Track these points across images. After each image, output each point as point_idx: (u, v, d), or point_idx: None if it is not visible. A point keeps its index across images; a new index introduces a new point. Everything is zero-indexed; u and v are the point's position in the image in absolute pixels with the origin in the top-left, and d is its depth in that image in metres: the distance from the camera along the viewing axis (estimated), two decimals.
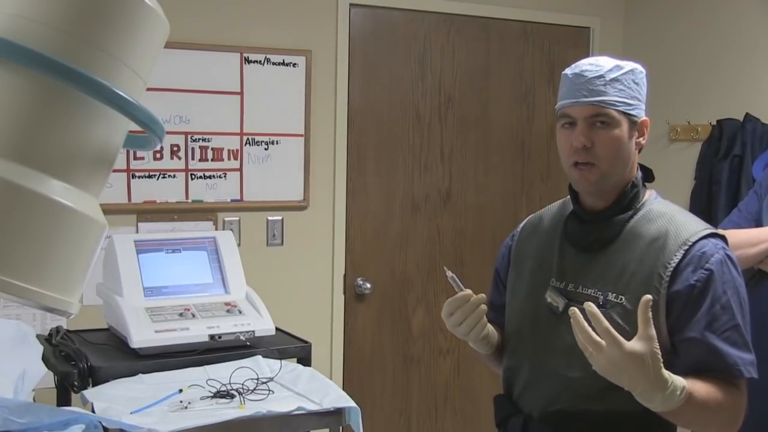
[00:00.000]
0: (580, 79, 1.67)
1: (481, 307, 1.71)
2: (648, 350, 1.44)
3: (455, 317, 1.71)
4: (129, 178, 3.31)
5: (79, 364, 2.28)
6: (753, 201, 2.68)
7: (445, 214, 3.99)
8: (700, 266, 1.61)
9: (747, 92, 3.61)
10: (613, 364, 1.43)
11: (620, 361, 1.43)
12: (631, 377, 1.45)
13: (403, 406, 3.96)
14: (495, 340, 1.84)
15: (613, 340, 1.43)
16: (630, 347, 1.43)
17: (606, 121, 1.66)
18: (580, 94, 1.67)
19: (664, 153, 3.97)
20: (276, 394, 2.25)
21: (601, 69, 1.67)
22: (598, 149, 1.66)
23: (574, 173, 1.70)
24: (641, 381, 1.45)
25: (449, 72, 3.95)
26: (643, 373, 1.44)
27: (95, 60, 0.98)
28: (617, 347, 1.42)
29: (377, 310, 3.87)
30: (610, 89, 1.66)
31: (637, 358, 1.43)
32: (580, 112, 1.67)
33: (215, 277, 2.69)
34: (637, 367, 1.43)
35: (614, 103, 1.66)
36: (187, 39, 3.35)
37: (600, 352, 1.44)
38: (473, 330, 1.72)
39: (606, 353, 1.43)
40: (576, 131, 1.67)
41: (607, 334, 1.43)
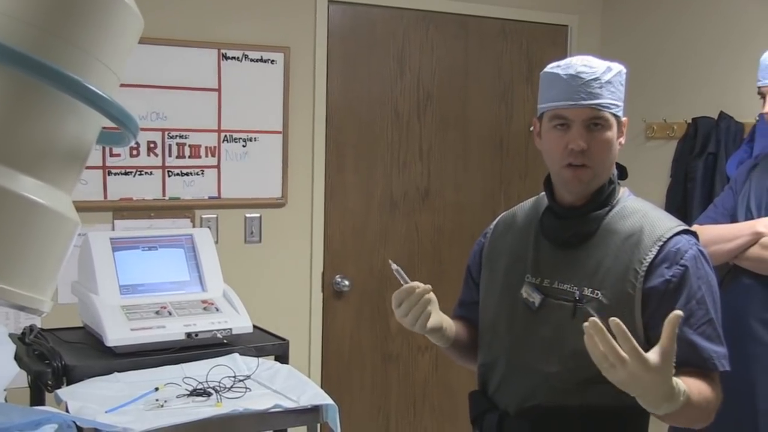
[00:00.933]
0: (577, 81, 1.66)
1: (426, 297, 1.71)
2: (668, 366, 1.42)
3: (402, 309, 1.72)
4: (105, 175, 3.28)
5: (53, 363, 2.26)
6: (728, 197, 2.71)
7: (424, 212, 3.99)
8: (675, 262, 1.63)
9: (721, 91, 3.64)
10: (634, 378, 1.41)
11: (642, 377, 1.41)
12: (646, 389, 1.44)
13: (381, 403, 3.96)
14: (450, 333, 1.84)
15: (638, 357, 1.39)
16: (655, 365, 1.40)
17: (601, 123, 1.67)
18: (578, 97, 1.66)
19: (641, 150, 4.00)
20: (253, 392, 2.24)
21: (596, 71, 1.67)
22: (593, 151, 1.67)
23: (567, 173, 1.70)
24: (654, 392, 1.45)
25: (428, 69, 3.95)
26: (658, 386, 1.44)
27: (67, 55, 0.97)
28: (642, 364, 1.39)
29: (356, 308, 3.87)
30: (605, 92, 1.67)
31: (657, 373, 1.41)
32: (578, 114, 1.67)
33: (192, 274, 2.67)
34: (655, 381, 1.42)
35: (609, 105, 1.67)
36: (164, 35, 3.32)
37: (623, 367, 1.40)
38: (418, 320, 1.72)
39: (629, 369, 1.40)
40: (572, 134, 1.67)
41: (633, 351, 1.39)
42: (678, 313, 1.43)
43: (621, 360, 1.39)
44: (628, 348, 1.39)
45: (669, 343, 1.42)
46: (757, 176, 2.62)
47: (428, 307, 1.72)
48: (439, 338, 1.83)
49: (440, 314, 1.79)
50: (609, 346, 1.40)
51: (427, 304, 1.72)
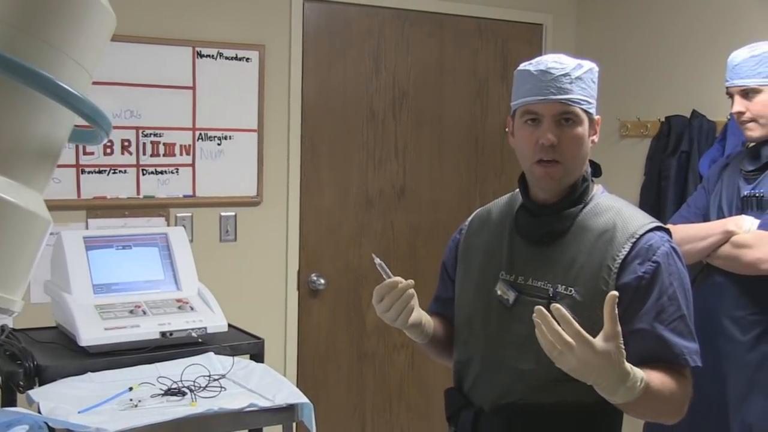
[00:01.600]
0: (547, 77, 1.67)
1: (408, 292, 1.72)
2: (615, 347, 1.45)
3: (383, 303, 1.73)
4: (78, 173, 3.25)
5: (25, 364, 2.23)
6: (701, 196, 2.74)
7: (399, 210, 3.99)
8: (647, 259, 1.64)
9: (694, 90, 3.68)
10: (583, 363, 1.44)
11: (591, 361, 1.44)
12: (598, 374, 1.47)
13: (357, 401, 3.96)
14: (429, 329, 1.85)
15: (584, 341, 1.43)
16: (600, 347, 1.44)
17: (572, 119, 1.68)
18: (548, 92, 1.67)
19: (615, 148, 4.03)
20: (228, 391, 2.24)
21: (566, 67, 1.68)
22: (564, 147, 1.68)
23: (538, 170, 1.70)
24: (607, 377, 1.47)
25: (403, 68, 3.95)
26: (610, 370, 1.46)
27: (38, 52, 0.96)
28: (589, 348, 1.43)
29: (331, 306, 3.86)
30: (575, 87, 1.67)
31: (606, 357, 1.44)
32: (548, 109, 1.68)
33: (167, 273, 2.66)
34: (604, 365, 1.45)
35: (579, 101, 1.68)
36: (138, 32, 3.30)
37: (570, 353, 1.44)
38: (400, 315, 1.73)
39: (577, 354, 1.44)
40: (543, 128, 1.68)
41: (578, 336, 1.43)
42: (614, 293, 1.46)
43: (568, 345, 1.43)
44: (572, 333, 1.43)
45: (611, 324, 1.45)
46: (728, 176, 2.65)
47: (410, 303, 1.72)
48: (418, 334, 1.83)
49: (420, 310, 1.80)
50: (555, 334, 1.44)
51: (410, 299, 1.73)
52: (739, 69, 2.55)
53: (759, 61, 2.50)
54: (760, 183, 2.52)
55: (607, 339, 1.45)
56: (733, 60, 2.58)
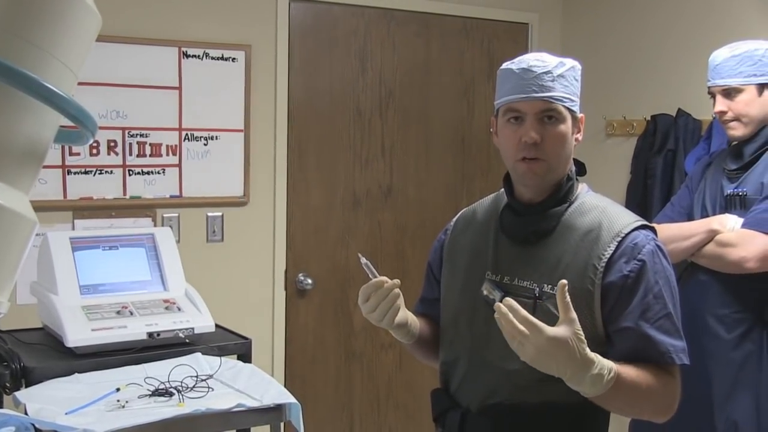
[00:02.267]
0: (529, 75, 1.67)
1: (394, 292, 1.72)
2: (571, 333, 1.47)
3: (369, 303, 1.73)
4: (64, 173, 3.24)
5: (12, 365, 2.23)
6: (685, 195, 2.75)
7: (386, 209, 4.00)
8: (632, 257, 1.64)
9: (679, 89, 3.69)
10: (539, 351, 1.46)
11: (546, 347, 1.46)
12: (558, 362, 1.48)
13: (345, 401, 3.96)
14: (415, 329, 1.85)
15: (534, 327, 1.46)
16: (553, 332, 1.46)
17: (555, 116, 1.68)
18: (530, 90, 1.67)
19: (601, 147, 4.04)
20: (216, 392, 2.23)
21: (547, 65, 1.68)
22: (547, 145, 1.68)
23: (521, 167, 1.70)
24: (569, 364, 1.48)
25: (389, 67, 3.96)
26: (569, 357, 1.47)
27: (23, 52, 0.96)
28: (540, 333, 1.46)
29: (319, 306, 3.86)
30: (557, 85, 1.68)
31: (561, 342, 1.46)
32: (530, 107, 1.68)
33: (153, 274, 2.65)
34: (562, 351, 1.47)
35: (561, 98, 1.68)
36: (124, 32, 3.29)
37: (526, 341, 1.46)
38: (386, 315, 1.73)
39: (531, 341, 1.46)
40: (525, 126, 1.68)
41: (527, 323, 1.46)
42: (564, 281, 1.50)
43: (522, 334, 1.46)
44: (521, 319, 1.47)
45: (564, 311, 1.48)
46: (712, 174, 2.67)
47: (396, 302, 1.73)
48: (404, 335, 1.84)
49: (406, 310, 1.80)
50: (510, 325, 1.47)
51: (396, 299, 1.73)
52: (720, 69, 2.56)
53: (740, 61, 2.52)
54: (743, 182, 2.54)
55: (561, 325, 1.48)
56: (714, 60, 2.60)
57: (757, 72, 2.51)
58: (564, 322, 1.48)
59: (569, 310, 1.48)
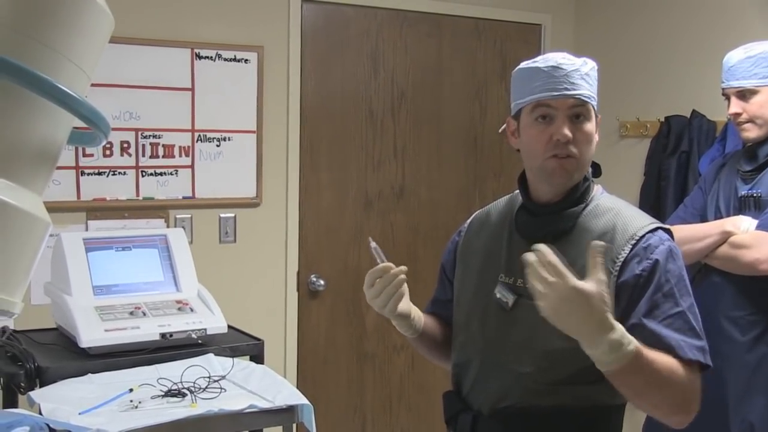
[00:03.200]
0: (559, 72, 1.66)
1: (399, 278, 1.70)
2: (596, 290, 1.43)
3: (375, 288, 1.72)
4: (78, 175, 3.25)
5: (26, 365, 2.24)
6: (698, 197, 2.74)
7: (398, 211, 3.99)
8: (645, 257, 1.63)
9: (694, 90, 3.68)
10: (562, 300, 1.42)
11: (568, 297, 1.41)
12: (578, 317, 1.43)
13: (357, 402, 3.96)
14: (419, 323, 1.84)
15: (560, 274, 1.42)
16: (578, 283, 1.42)
17: (584, 114, 1.67)
18: (562, 87, 1.65)
19: (614, 149, 4.03)
20: (228, 393, 2.24)
21: (575, 63, 1.68)
22: (577, 142, 1.66)
23: (551, 164, 1.67)
24: (588, 321, 1.43)
25: (402, 68, 3.96)
26: (590, 313, 1.43)
27: (37, 54, 0.96)
28: (565, 281, 1.42)
29: (331, 307, 3.86)
30: (585, 84, 1.67)
31: (584, 295, 1.42)
32: (562, 104, 1.66)
33: (166, 275, 2.66)
34: (584, 306, 1.42)
35: (590, 97, 1.68)
36: (137, 34, 3.30)
37: (549, 289, 1.43)
38: (389, 302, 1.72)
39: (555, 288, 1.42)
40: (557, 124, 1.66)
41: (553, 268, 1.43)
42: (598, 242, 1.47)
43: (545, 281, 1.43)
44: (548, 265, 1.43)
45: (593, 269, 1.44)
46: (726, 176, 2.66)
47: (401, 289, 1.72)
48: (407, 327, 1.83)
49: (410, 303, 1.79)
50: (536, 272, 1.44)
51: (400, 285, 1.71)
52: (734, 70, 2.55)
53: (755, 62, 2.51)
54: (757, 183, 2.52)
55: (587, 280, 1.43)
56: (728, 61, 2.58)
57: None
58: (591, 280, 1.44)
59: (598, 270, 1.44)
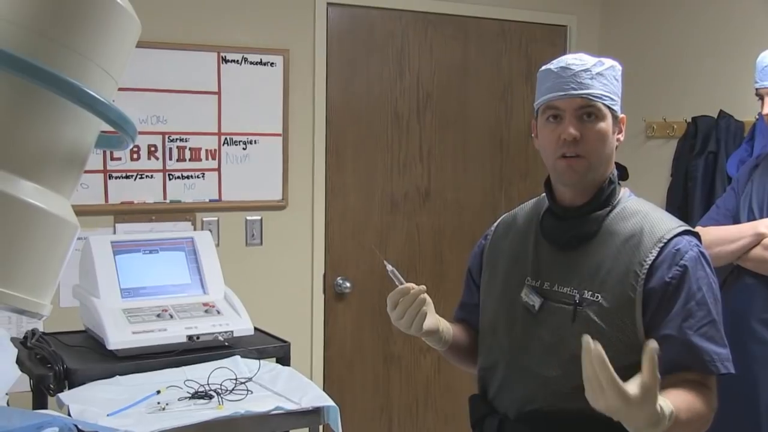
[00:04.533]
0: (567, 72, 1.67)
1: (420, 298, 1.70)
2: (650, 399, 1.35)
3: (397, 311, 1.72)
4: (106, 178, 3.28)
5: (55, 367, 2.26)
6: (730, 198, 2.70)
7: (424, 213, 3.99)
8: (674, 263, 1.61)
9: (721, 90, 3.64)
10: (614, 410, 1.35)
11: (621, 410, 1.35)
12: (627, 419, 1.38)
13: (384, 404, 3.96)
14: (448, 335, 1.83)
15: (617, 388, 1.32)
16: (634, 398, 1.33)
17: (594, 113, 1.67)
18: (568, 87, 1.66)
19: (641, 149, 4.00)
20: (254, 394, 2.25)
21: (585, 63, 1.67)
22: (587, 142, 1.66)
23: (561, 164, 1.68)
24: (636, 421, 1.39)
25: (427, 70, 3.95)
26: (641, 417, 1.38)
27: (65, 59, 0.97)
28: (620, 397, 1.33)
29: (357, 309, 3.87)
30: (596, 83, 1.66)
31: (639, 409, 1.35)
32: (569, 104, 1.67)
33: (193, 277, 2.68)
34: (636, 414, 1.36)
35: (601, 96, 1.67)
36: (164, 38, 3.33)
37: (602, 395, 1.34)
38: (414, 322, 1.71)
39: (608, 400, 1.34)
40: (564, 124, 1.67)
41: (611, 384, 1.32)
42: (654, 345, 1.34)
43: (600, 389, 1.33)
44: (605, 378, 1.32)
45: (650, 376, 1.34)
46: (759, 176, 2.62)
47: (423, 308, 1.71)
48: (436, 341, 1.82)
49: (436, 316, 1.78)
50: (592, 373, 1.34)
51: (422, 304, 1.71)
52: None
53: None
54: None
55: (643, 390, 1.33)
56: (762, 61, 2.55)
57: None
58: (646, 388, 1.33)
59: (654, 375, 1.33)
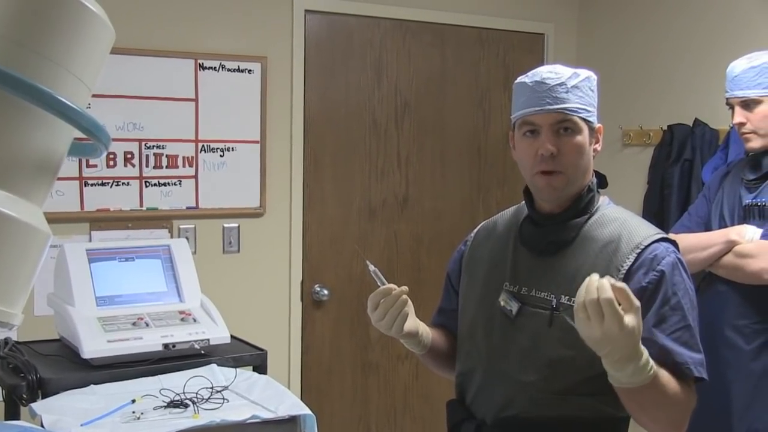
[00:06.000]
0: (543, 87, 1.67)
1: (401, 299, 1.71)
2: (637, 323, 1.42)
3: (378, 312, 1.72)
4: (81, 185, 3.26)
5: (28, 376, 2.23)
6: (702, 205, 2.73)
7: (402, 220, 3.99)
8: (651, 269, 1.62)
9: (696, 98, 3.68)
10: (607, 337, 1.40)
11: (615, 336, 1.40)
12: (615, 348, 1.43)
13: (362, 412, 3.95)
14: (427, 339, 1.84)
15: (614, 314, 1.38)
16: (629, 323, 1.39)
17: (570, 127, 1.67)
18: (544, 102, 1.67)
19: (618, 157, 4.03)
20: (230, 403, 2.23)
21: (561, 76, 1.68)
22: (564, 156, 1.67)
23: (540, 181, 1.70)
24: (623, 351, 1.44)
25: (405, 78, 3.96)
26: (627, 345, 1.42)
27: (36, 66, 0.96)
28: (617, 322, 1.38)
29: (335, 317, 3.86)
30: (572, 96, 1.67)
31: (629, 333, 1.40)
32: (545, 119, 1.67)
33: (169, 285, 2.66)
34: (624, 340, 1.41)
35: (577, 109, 1.67)
36: (141, 45, 3.31)
37: (597, 322, 1.39)
38: (395, 323, 1.72)
39: (604, 326, 1.39)
40: (541, 139, 1.67)
41: (609, 306, 1.38)
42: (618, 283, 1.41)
43: (599, 315, 1.39)
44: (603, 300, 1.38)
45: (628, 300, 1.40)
46: (730, 184, 2.65)
47: (404, 309, 1.72)
48: (415, 344, 1.83)
49: (416, 319, 1.79)
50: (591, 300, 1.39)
51: (403, 306, 1.71)
52: (738, 80, 2.55)
53: (759, 72, 2.50)
54: (761, 192, 2.52)
55: (632, 315, 1.40)
56: (732, 71, 2.58)
57: None
58: (633, 312, 1.41)
59: (635, 298, 1.42)
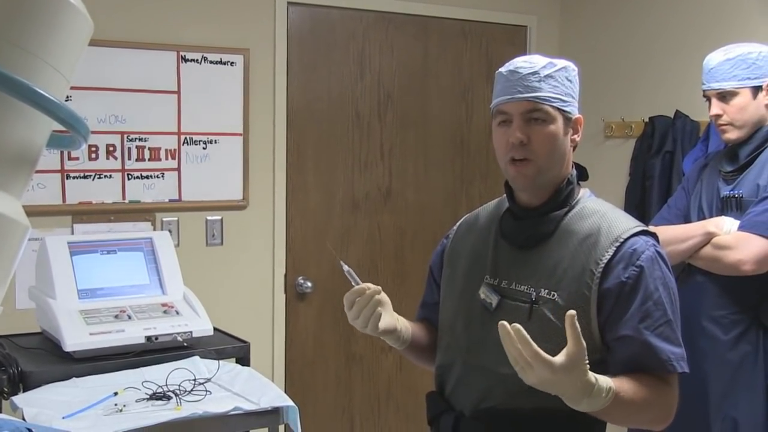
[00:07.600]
0: (515, 76, 1.68)
1: (375, 298, 1.73)
2: (577, 365, 1.44)
3: (353, 310, 1.74)
4: (63, 178, 3.24)
5: (9, 370, 2.23)
6: (681, 197, 2.75)
7: (386, 212, 4.00)
8: (631, 263, 1.62)
9: (677, 90, 3.70)
10: (543, 381, 1.45)
11: (550, 380, 1.44)
12: (560, 389, 1.48)
13: (345, 403, 3.96)
14: (406, 335, 1.85)
15: (543, 361, 1.42)
16: (560, 366, 1.43)
17: (541, 117, 1.67)
18: (515, 91, 1.68)
19: (599, 149, 4.05)
20: (213, 395, 2.24)
21: (534, 66, 1.68)
22: (535, 145, 1.67)
23: (511, 170, 1.71)
24: (569, 390, 1.47)
25: (388, 70, 3.96)
26: (571, 384, 1.46)
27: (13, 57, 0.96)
28: (548, 368, 1.43)
29: (318, 309, 3.86)
30: (544, 85, 1.67)
31: (565, 374, 1.44)
32: (515, 108, 1.68)
33: (152, 278, 2.66)
34: (564, 382, 1.45)
35: (549, 98, 1.67)
36: (123, 37, 3.29)
37: (530, 370, 1.44)
38: (369, 322, 1.74)
39: (537, 373, 1.44)
40: (512, 127, 1.68)
41: (536, 357, 1.42)
42: (572, 312, 1.44)
43: (528, 364, 1.44)
44: (530, 353, 1.43)
45: (574, 343, 1.44)
46: (708, 176, 2.67)
47: (378, 308, 1.73)
48: (394, 340, 1.84)
49: (394, 315, 1.80)
50: (516, 351, 1.44)
51: (377, 305, 1.73)
52: (714, 72, 2.57)
53: (734, 64, 2.53)
54: (738, 184, 2.54)
55: (568, 358, 1.43)
56: (708, 63, 2.60)
57: (751, 75, 2.52)
58: (572, 354, 1.44)
59: (579, 341, 1.44)
